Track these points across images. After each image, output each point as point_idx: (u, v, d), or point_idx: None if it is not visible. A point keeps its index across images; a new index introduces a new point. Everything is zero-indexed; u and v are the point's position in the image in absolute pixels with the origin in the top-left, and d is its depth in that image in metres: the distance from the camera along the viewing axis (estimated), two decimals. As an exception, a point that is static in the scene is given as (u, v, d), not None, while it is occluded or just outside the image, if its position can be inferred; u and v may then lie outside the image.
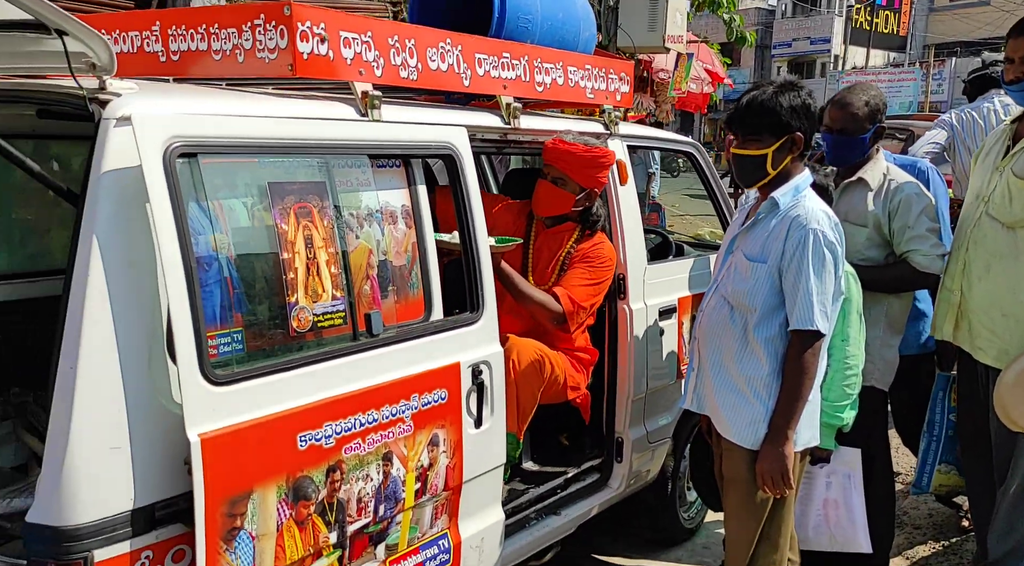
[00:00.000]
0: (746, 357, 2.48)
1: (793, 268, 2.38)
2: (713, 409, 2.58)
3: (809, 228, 2.37)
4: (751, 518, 2.58)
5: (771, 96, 2.40)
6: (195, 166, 1.84)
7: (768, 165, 2.43)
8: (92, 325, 1.69)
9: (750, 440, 2.48)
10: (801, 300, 2.37)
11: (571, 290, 2.88)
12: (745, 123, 2.45)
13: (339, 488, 2.06)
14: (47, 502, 1.65)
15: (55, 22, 1.70)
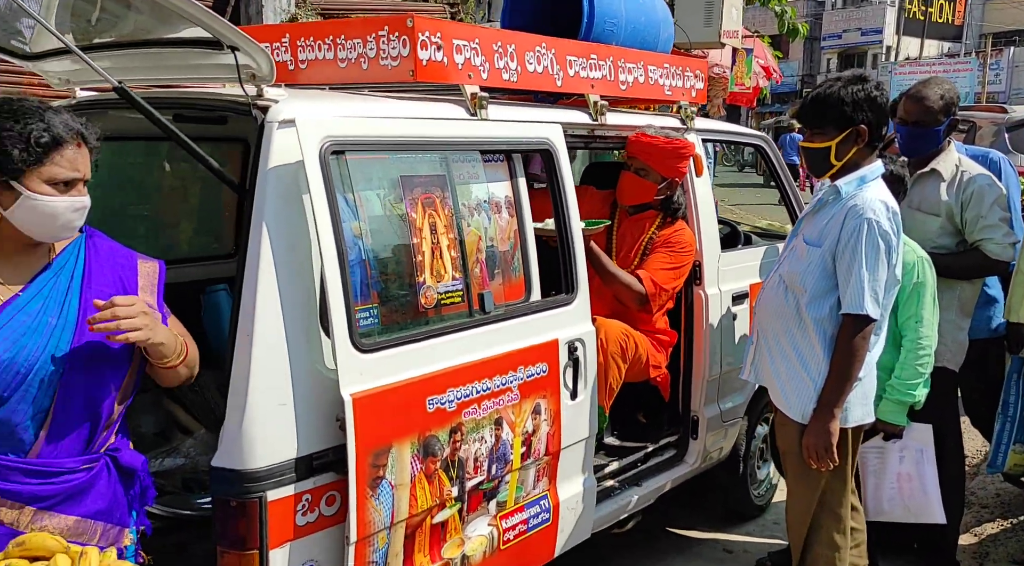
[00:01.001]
0: (798, 335, 2.65)
1: (847, 254, 2.53)
2: (769, 382, 2.77)
3: (864, 217, 2.51)
4: (808, 488, 2.75)
5: (835, 91, 2.56)
6: (342, 162, 2.11)
7: (832, 157, 2.59)
8: (264, 299, 1.97)
9: (799, 414, 2.65)
10: (853, 285, 2.52)
11: (653, 273, 3.10)
12: (809, 118, 2.62)
13: (459, 448, 2.31)
14: (230, 449, 1.94)
15: (231, 39, 1.98)
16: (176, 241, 3.32)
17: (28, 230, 1.70)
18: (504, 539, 2.51)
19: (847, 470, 2.73)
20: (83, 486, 1.75)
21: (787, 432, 2.72)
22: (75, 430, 1.73)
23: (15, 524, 1.64)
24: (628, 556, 3.58)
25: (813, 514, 2.74)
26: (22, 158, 1.66)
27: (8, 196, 1.66)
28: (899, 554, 3.46)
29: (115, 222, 3.16)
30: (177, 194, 3.28)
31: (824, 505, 2.73)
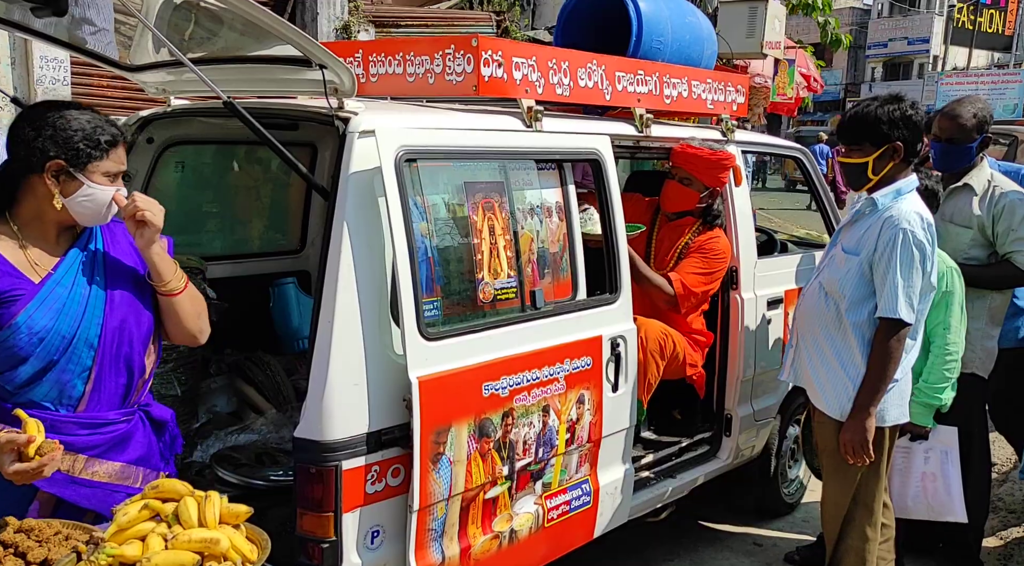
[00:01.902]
0: (837, 338, 2.83)
1: (883, 262, 2.70)
2: (808, 383, 2.94)
3: (900, 227, 2.69)
4: (842, 483, 2.92)
5: (872, 110, 2.75)
6: (414, 169, 2.34)
7: (869, 171, 2.78)
8: (344, 290, 2.21)
9: (838, 412, 2.82)
10: (888, 291, 2.70)
11: (684, 276, 3.29)
12: (848, 135, 2.81)
13: (510, 431, 2.53)
14: (312, 422, 2.18)
15: (320, 58, 2.22)
16: (248, 237, 3.60)
17: (81, 216, 1.92)
18: (548, 518, 2.73)
19: (882, 467, 2.89)
20: (124, 436, 1.98)
21: (825, 430, 2.89)
22: (114, 386, 1.95)
23: (71, 471, 1.88)
24: (660, 546, 3.77)
25: (848, 508, 2.90)
26: (88, 153, 1.90)
27: (72, 185, 1.89)
28: (925, 554, 3.60)
29: (194, 218, 3.46)
30: (251, 193, 3.55)
31: (858, 499, 2.89)
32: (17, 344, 1.82)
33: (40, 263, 1.92)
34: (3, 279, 1.84)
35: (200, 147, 3.33)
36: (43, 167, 1.86)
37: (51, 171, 1.87)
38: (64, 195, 1.89)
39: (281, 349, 3.45)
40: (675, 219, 3.46)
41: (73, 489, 1.89)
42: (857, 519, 2.93)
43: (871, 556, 2.93)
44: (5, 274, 1.85)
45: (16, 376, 1.84)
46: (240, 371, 3.23)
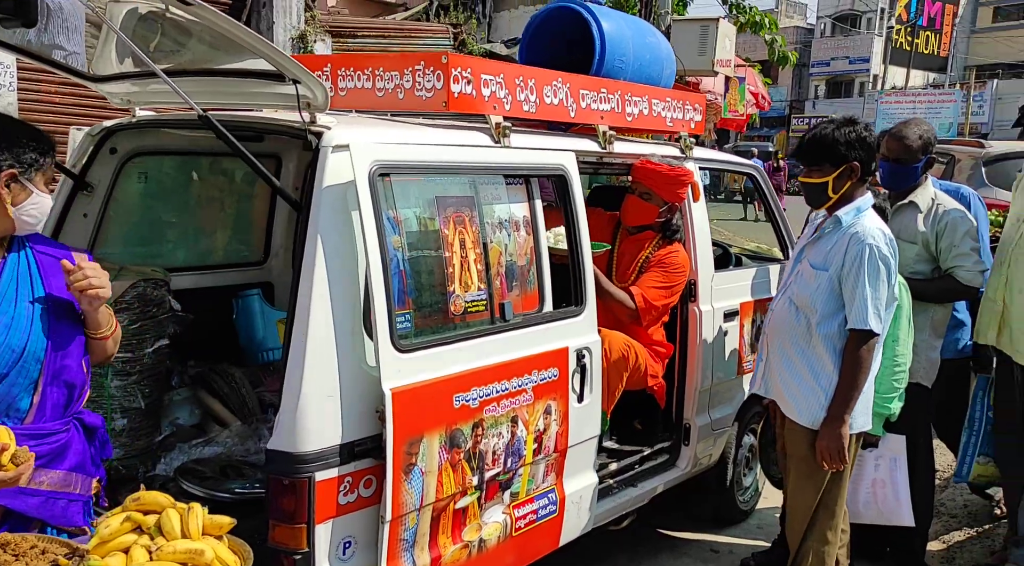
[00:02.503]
0: (809, 351, 2.95)
1: (852, 277, 2.84)
2: (779, 394, 3.05)
3: (866, 243, 2.83)
4: (810, 489, 3.03)
5: (830, 132, 2.88)
6: (387, 183, 2.37)
7: (829, 190, 2.91)
8: (318, 301, 2.22)
9: (810, 421, 2.94)
10: (858, 304, 2.83)
11: (645, 290, 3.38)
12: (808, 156, 2.94)
13: (480, 441, 2.57)
14: (285, 433, 2.19)
15: (294, 73, 2.25)
16: (211, 248, 3.57)
17: (25, 224, 1.93)
18: (516, 527, 2.77)
19: (846, 473, 3.02)
20: (65, 445, 1.98)
21: (796, 437, 2.99)
22: (56, 398, 1.96)
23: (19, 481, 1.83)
24: (621, 553, 3.84)
25: (810, 512, 3.01)
26: (36, 162, 1.91)
27: (22, 194, 1.90)
28: (874, 558, 3.73)
29: (157, 229, 3.43)
30: (214, 205, 3.53)
31: (821, 503, 3.01)
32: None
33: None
34: None
35: (163, 158, 3.30)
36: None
37: (4, 180, 1.86)
38: (13, 204, 1.88)
39: (245, 361, 3.43)
40: (635, 233, 3.55)
41: (22, 499, 1.87)
42: (819, 522, 3.04)
43: (830, 559, 3.04)
44: None
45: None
46: (204, 383, 3.20)
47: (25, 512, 1.88)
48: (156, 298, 2.90)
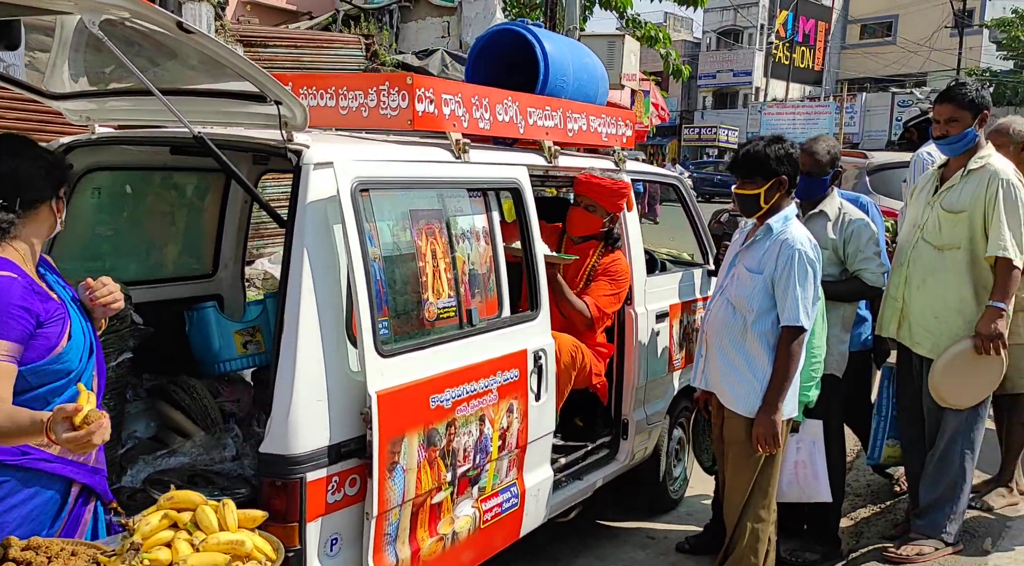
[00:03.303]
0: (745, 346, 3.25)
1: (783, 279, 3.16)
2: (718, 386, 3.34)
3: (795, 248, 3.16)
4: (746, 471, 3.33)
5: (762, 149, 3.21)
6: (365, 198, 2.51)
7: (761, 201, 3.23)
8: (306, 311, 2.34)
9: (747, 410, 3.24)
10: (790, 303, 3.15)
11: (597, 299, 3.63)
12: (743, 170, 3.25)
13: (453, 440, 2.73)
14: (277, 437, 2.29)
15: (276, 94, 2.36)
16: (162, 262, 3.58)
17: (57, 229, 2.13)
18: (484, 519, 2.94)
19: (778, 456, 3.33)
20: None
21: (734, 426, 3.29)
22: (101, 386, 2.18)
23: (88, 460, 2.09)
24: (565, 544, 4.06)
25: (747, 493, 3.31)
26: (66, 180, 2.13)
27: (63, 208, 2.12)
28: (794, 535, 4.08)
29: (110, 243, 3.43)
30: (166, 219, 3.54)
31: (756, 485, 3.31)
32: (72, 359, 1.99)
33: (44, 286, 2.05)
34: (47, 302, 1.98)
35: (117, 173, 3.30)
36: (57, 193, 1.97)
37: (62, 194, 2.06)
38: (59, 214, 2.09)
39: (201, 373, 3.46)
40: (580, 242, 3.79)
41: (90, 477, 2.08)
42: (755, 502, 3.34)
43: (764, 534, 3.35)
44: (45, 296, 1.99)
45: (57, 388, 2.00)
46: (165, 395, 3.22)
47: (94, 488, 2.06)
48: (120, 312, 2.91)
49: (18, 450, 2.00)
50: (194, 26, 2.03)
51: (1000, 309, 3.57)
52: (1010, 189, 3.61)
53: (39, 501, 2.04)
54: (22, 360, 1.97)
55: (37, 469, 2.03)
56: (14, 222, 2.04)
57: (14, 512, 1.99)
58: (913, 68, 43.06)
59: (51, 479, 2.05)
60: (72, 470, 2.08)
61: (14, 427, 1.85)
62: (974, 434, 3.77)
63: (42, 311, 2.00)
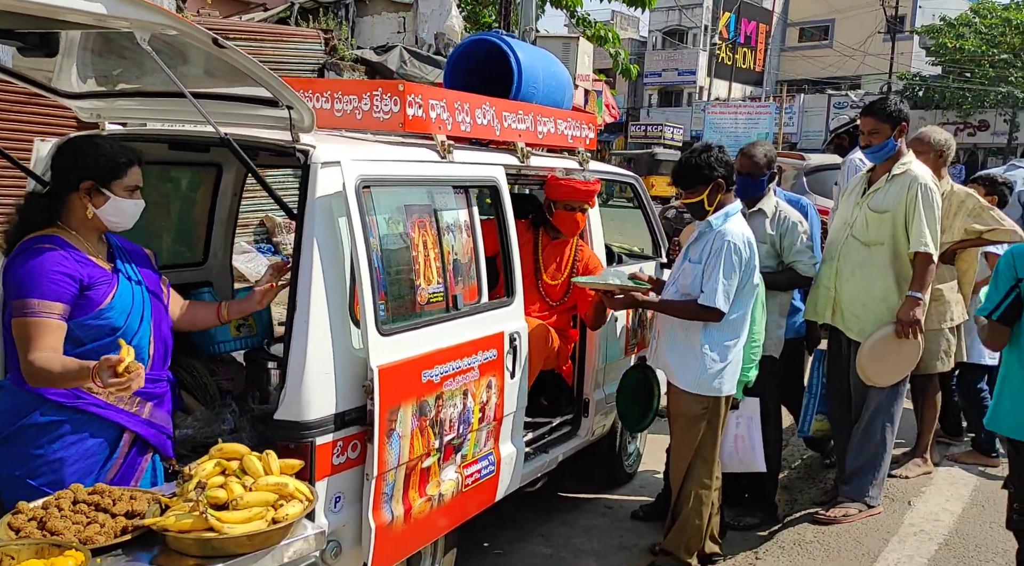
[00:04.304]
0: (688, 330, 3.63)
1: (710, 265, 3.54)
2: (665, 365, 3.72)
3: (726, 239, 3.55)
4: (688, 441, 3.72)
5: (694, 160, 3.60)
6: (367, 194, 2.81)
7: (705, 204, 3.61)
8: (316, 294, 2.63)
9: (688, 385, 3.62)
10: (710, 286, 3.53)
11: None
12: (684, 181, 3.64)
13: (440, 411, 3.04)
14: (291, 406, 2.58)
15: (288, 99, 2.63)
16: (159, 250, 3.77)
17: (110, 222, 2.51)
18: (465, 483, 3.26)
19: (719, 429, 3.72)
20: (165, 391, 2.62)
21: (678, 400, 3.68)
22: (161, 351, 2.59)
23: (140, 413, 2.46)
24: (532, 513, 4.42)
25: (689, 462, 3.70)
26: (112, 173, 2.46)
27: (100, 199, 2.46)
28: (736, 503, 4.51)
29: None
30: (161, 210, 3.76)
31: (698, 454, 3.70)
32: (113, 318, 2.32)
33: (96, 258, 2.38)
34: (93, 268, 2.35)
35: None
36: (77, 186, 2.23)
37: (84, 189, 2.32)
38: (95, 206, 2.37)
39: (197, 354, 3.70)
40: (557, 238, 4.13)
41: (144, 428, 2.43)
42: (697, 470, 3.74)
43: (707, 499, 3.75)
44: (91, 264, 2.35)
45: (107, 344, 2.32)
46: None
47: (148, 439, 2.42)
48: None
49: (73, 393, 2.35)
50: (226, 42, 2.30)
51: (918, 298, 4.05)
52: (927, 192, 4.09)
53: (92, 442, 2.40)
54: (71, 317, 2.35)
55: (90, 412, 2.39)
56: (51, 207, 2.36)
57: (71, 448, 2.36)
58: (848, 71, 44.59)
59: (103, 424, 2.41)
60: (123, 418, 2.41)
61: (66, 372, 2.24)
62: (894, 409, 4.25)
63: (84, 276, 2.38)
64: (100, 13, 1.98)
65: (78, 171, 2.40)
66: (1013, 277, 2.82)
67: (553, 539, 4.24)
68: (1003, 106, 33.96)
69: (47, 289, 2.31)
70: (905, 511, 4.21)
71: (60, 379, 2.26)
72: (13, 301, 2.34)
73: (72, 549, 1.68)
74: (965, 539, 3.92)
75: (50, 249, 2.35)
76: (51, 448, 2.36)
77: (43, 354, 2.28)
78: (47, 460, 2.37)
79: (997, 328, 2.89)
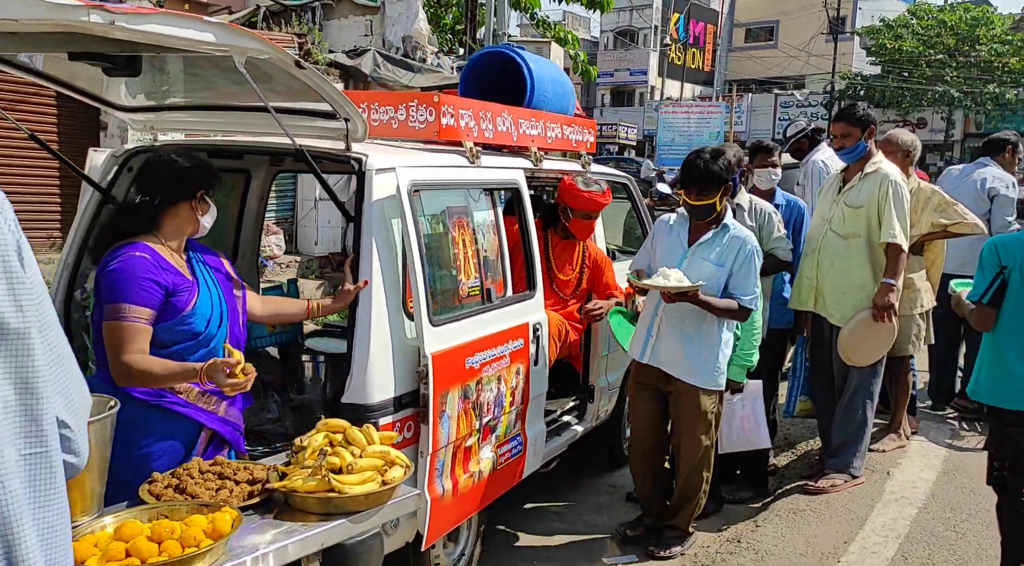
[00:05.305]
0: (703, 328, 3.85)
1: (744, 269, 3.80)
2: (677, 364, 3.88)
3: (750, 244, 3.81)
4: (702, 433, 3.94)
5: (714, 166, 3.77)
6: (416, 197, 3.07)
7: (717, 207, 3.85)
8: (376, 288, 2.89)
9: (704, 382, 3.87)
10: (749, 290, 3.79)
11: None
12: (700, 184, 3.78)
13: (480, 395, 3.32)
14: (357, 390, 2.83)
15: (348, 113, 2.88)
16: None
17: (203, 228, 2.74)
18: (499, 461, 3.55)
19: (720, 419, 4.03)
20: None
21: (694, 399, 3.87)
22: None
23: (217, 411, 2.62)
24: (544, 492, 4.71)
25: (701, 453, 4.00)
26: (212, 184, 2.72)
27: (204, 206, 2.71)
28: (730, 479, 4.87)
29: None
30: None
31: (708, 445, 4.01)
32: (195, 323, 2.48)
33: (180, 266, 2.54)
34: (177, 276, 2.51)
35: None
36: (195, 195, 2.43)
37: (198, 197, 2.48)
38: (200, 213, 2.59)
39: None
40: (567, 238, 4.43)
41: (221, 426, 2.58)
42: (706, 457, 4.02)
43: (709, 476, 4.07)
44: (175, 272, 2.52)
45: (189, 347, 2.50)
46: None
47: (224, 436, 2.58)
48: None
49: (156, 393, 2.53)
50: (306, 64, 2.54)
51: (891, 284, 4.45)
52: (897, 188, 4.50)
53: (174, 439, 2.58)
54: (157, 321, 2.52)
55: (172, 411, 2.57)
56: (155, 215, 2.56)
57: (156, 445, 2.54)
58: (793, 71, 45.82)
59: (184, 422, 2.59)
60: (202, 416, 2.60)
61: (168, 373, 2.44)
62: (873, 387, 4.65)
63: (170, 283, 2.55)
64: (210, 42, 2.22)
65: (193, 181, 2.62)
66: (997, 264, 3.17)
67: (567, 517, 4.54)
68: (940, 105, 35.39)
69: (138, 295, 2.47)
70: (885, 480, 4.61)
71: (161, 380, 2.44)
72: (107, 305, 2.50)
73: (222, 509, 1.91)
74: (941, 502, 4.34)
75: (140, 257, 2.52)
76: (141, 443, 2.54)
77: (138, 357, 2.44)
78: (135, 454, 2.54)
79: (986, 310, 3.24)
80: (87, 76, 3.12)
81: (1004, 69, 33.74)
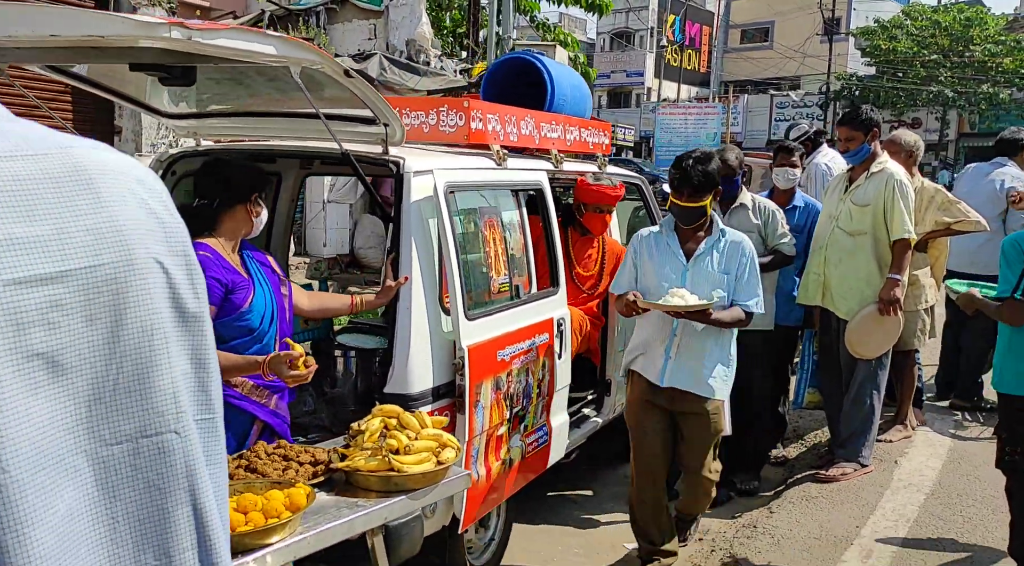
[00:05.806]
0: (720, 340, 3.78)
1: (750, 274, 3.74)
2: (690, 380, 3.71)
3: (751, 250, 3.79)
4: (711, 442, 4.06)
5: (709, 168, 3.69)
6: (451, 198, 3.23)
7: (708, 210, 3.80)
8: (415, 284, 3.05)
9: (723, 395, 3.84)
10: (755, 294, 3.75)
11: None
12: (693, 187, 3.68)
13: (511, 386, 3.48)
14: (399, 380, 3.00)
15: (388, 118, 3.05)
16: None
17: (256, 228, 2.87)
18: (527, 450, 3.71)
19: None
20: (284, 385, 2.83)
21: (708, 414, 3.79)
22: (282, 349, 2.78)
23: (268, 404, 2.77)
24: (564, 480, 4.87)
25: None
26: (265, 186, 2.88)
27: (258, 208, 2.82)
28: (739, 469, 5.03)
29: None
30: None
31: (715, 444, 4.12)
32: (251, 320, 2.64)
33: (237, 264, 2.66)
34: (234, 275, 2.66)
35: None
36: (249, 198, 2.58)
37: (254, 200, 2.61)
38: (254, 215, 2.71)
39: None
40: (585, 235, 4.59)
41: (271, 418, 2.73)
42: (712, 455, 4.17)
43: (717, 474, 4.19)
44: (233, 271, 2.67)
45: (244, 342, 2.65)
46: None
47: (274, 427, 2.73)
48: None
49: None
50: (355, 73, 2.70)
51: (897, 279, 4.62)
52: (902, 187, 4.67)
53: (228, 431, 2.72)
54: (216, 317, 2.67)
55: (228, 404, 2.71)
56: (214, 217, 2.72)
57: None
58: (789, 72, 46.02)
59: (239, 414, 2.73)
60: (255, 408, 2.76)
61: (232, 365, 2.59)
62: (879, 379, 4.82)
63: (229, 281, 2.71)
64: (270, 54, 2.38)
65: (249, 184, 2.78)
66: (1023, 259, 3.26)
67: (586, 505, 4.71)
68: (934, 105, 35.66)
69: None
70: (893, 469, 4.78)
71: (226, 372, 2.54)
72: None
73: (296, 485, 2.07)
74: (948, 489, 4.51)
75: (203, 256, 2.66)
76: None
77: None
78: None
79: (1019, 305, 3.23)
80: (136, 84, 3.28)
81: (998, 69, 34.00)
